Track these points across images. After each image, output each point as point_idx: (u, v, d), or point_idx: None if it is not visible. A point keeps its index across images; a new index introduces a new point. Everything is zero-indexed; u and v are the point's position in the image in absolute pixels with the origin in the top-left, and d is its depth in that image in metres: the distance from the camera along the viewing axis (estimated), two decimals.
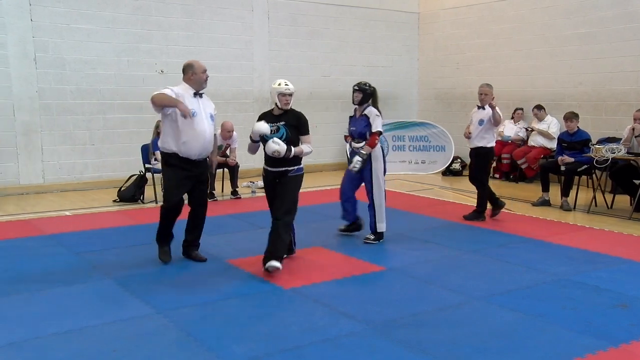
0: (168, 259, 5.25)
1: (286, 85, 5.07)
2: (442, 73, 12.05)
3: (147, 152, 8.48)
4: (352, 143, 5.96)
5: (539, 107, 9.92)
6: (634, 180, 7.48)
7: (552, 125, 9.74)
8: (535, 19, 10.33)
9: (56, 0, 8.91)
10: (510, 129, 10.47)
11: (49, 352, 3.48)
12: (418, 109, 12.71)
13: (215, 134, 5.28)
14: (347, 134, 6.16)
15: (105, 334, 3.73)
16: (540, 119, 9.91)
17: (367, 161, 5.80)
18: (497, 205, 7.14)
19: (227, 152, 8.58)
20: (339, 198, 6.21)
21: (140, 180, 8.34)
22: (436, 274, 4.95)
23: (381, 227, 5.93)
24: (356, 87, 5.93)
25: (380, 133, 5.82)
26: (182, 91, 5.01)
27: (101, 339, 3.65)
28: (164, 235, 5.31)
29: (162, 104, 4.93)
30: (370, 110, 5.88)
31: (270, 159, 5.07)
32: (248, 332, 3.76)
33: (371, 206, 5.91)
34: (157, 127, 8.49)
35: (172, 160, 5.04)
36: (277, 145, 4.89)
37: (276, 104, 5.09)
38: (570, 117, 7.95)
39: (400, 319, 3.99)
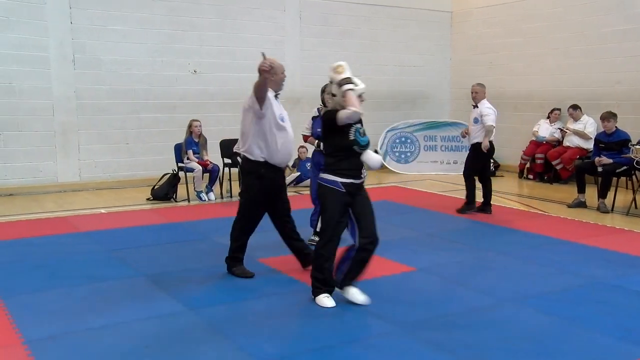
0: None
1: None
2: (474, 72, 11.89)
3: (179, 151, 8.60)
4: (319, 144, 5.72)
5: (575, 107, 9.71)
6: None
7: (589, 125, 9.51)
8: (572, 17, 10.10)
9: (94, 3, 9.11)
10: (545, 130, 10.27)
11: (84, 347, 3.55)
12: (450, 108, 12.57)
13: None
14: (308, 135, 6.03)
15: (138, 330, 3.79)
16: (576, 119, 9.69)
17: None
18: (471, 205, 7.40)
19: None
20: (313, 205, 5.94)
21: (173, 179, 8.45)
22: (467, 275, 4.89)
23: None
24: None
25: None
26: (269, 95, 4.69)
27: (134, 335, 3.71)
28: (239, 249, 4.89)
29: (258, 87, 4.59)
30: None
31: (353, 170, 4.18)
32: (278, 331, 3.77)
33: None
34: (189, 126, 8.61)
35: (261, 170, 4.68)
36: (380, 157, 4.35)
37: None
38: (608, 117, 7.75)
39: (430, 320, 3.95)
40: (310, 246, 5.37)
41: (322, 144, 5.50)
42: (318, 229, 5.60)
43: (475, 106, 7.40)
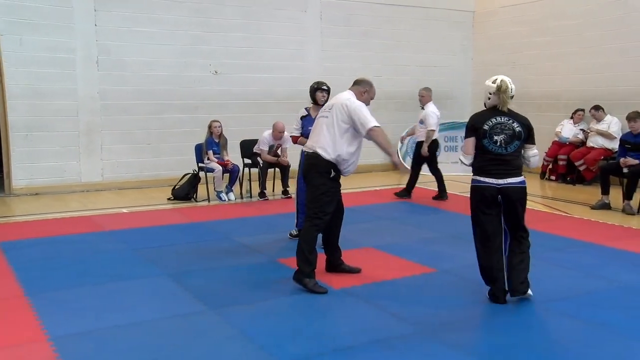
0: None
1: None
2: (497, 72, 11.46)
3: (200, 152, 8.66)
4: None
5: (597, 108, 9.56)
6: None
7: (613, 124, 9.36)
8: (604, 14, 9.92)
9: (119, 5, 9.22)
10: (568, 130, 10.13)
11: (109, 344, 3.60)
12: (471, 109, 12.44)
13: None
14: (297, 135, 5.96)
15: (161, 329, 3.83)
16: (599, 120, 9.55)
17: None
18: (407, 192, 8.54)
19: (279, 152, 8.66)
20: (297, 205, 5.99)
21: (194, 179, 8.52)
22: None
23: None
24: (325, 87, 5.84)
25: None
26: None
27: (159, 333, 3.75)
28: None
29: (385, 142, 4.59)
30: None
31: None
32: (300, 331, 3.78)
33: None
34: (210, 126, 8.67)
35: (335, 174, 4.62)
36: None
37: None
38: (634, 117, 7.63)
39: (453, 322, 3.92)
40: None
41: None
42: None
43: (422, 108, 8.46)
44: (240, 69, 10.16)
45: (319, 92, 5.82)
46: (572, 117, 10.19)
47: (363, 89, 4.81)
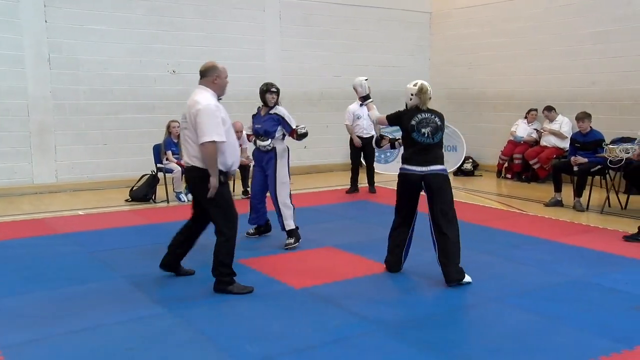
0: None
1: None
2: (454, 73, 12.00)
3: (158, 152, 8.52)
4: (257, 141, 5.93)
5: (549, 109, 9.85)
6: None
7: (564, 124, 9.66)
8: (550, 18, 10.24)
9: (71, 2, 8.98)
10: (523, 130, 10.40)
11: (63, 351, 3.50)
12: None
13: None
14: (250, 133, 6.15)
15: (118, 333, 3.74)
16: (551, 120, 9.84)
17: (273, 158, 5.85)
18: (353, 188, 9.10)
19: None
20: (250, 201, 6.15)
21: (152, 180, 8.38)
22: None
23: (289, 224, 5.78)
24: (274, 89, 5.90)
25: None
26: (215, 101, 4.43)
27: (115, 338, 3.67)
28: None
29: (211, 164, 4.30)
30: (282, 110, 5.92)
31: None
32: (260, 331, 3.76)
33: (276, 205, 5.83)
34: (168, 127, 8.54)
35: (223, 179, 4.44)
36: None
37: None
38: (582, 117, 7.89)
39: (414, 320, 3.97)
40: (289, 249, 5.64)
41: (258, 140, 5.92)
42: (287, 228, 5.81)
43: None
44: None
45: (268, 94, 5.88)
46: (526, 117, 10.46)
47: (212, 77, 4.51)
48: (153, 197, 8.32)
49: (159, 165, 8.45)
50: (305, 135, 5.99)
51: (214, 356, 3.43)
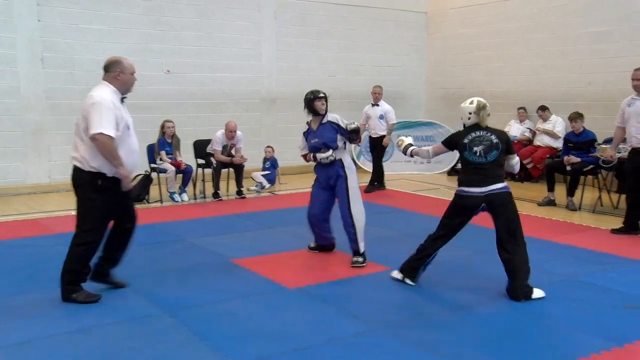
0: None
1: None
2: (450, 73, 12.04)
3: (152, 152, 8.52)
4: (318, 155, 5.27)
5: (543, 108, 9.90)
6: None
7: (557, 124, 9.72)
8: (547, 18, 10.28)
9: (65, 1, 8.94)
10: (516, 129, 10.45)
11: (61, 351, 3.50)
12: (425, 108, 12.70)
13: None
14: (305, 152, 5.45)
15: (114, 334, 3.75)
16: (545, 120, 9.89)
17: (342, 171, 5.24)
18: (380, 184, 9.24)
19: (233, 151, 8.61)
20: (309, 223, 5.55)
21: (146, 180, 8.37)
22: (444, 275, 4.93)
23: (363, 246, 5.25)
24: (322, 95, 5.29)
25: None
26: (114, 95, 4.15)
27: (111, 338, 3.67)
28: (82, 272, 4.29)
29: (110, 156, 4.06)
30: (335, 116, 5.36)
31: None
32: (256, 332, 3.77)
33: (351, 225, 5.20)
34: (162, 127, 8.55)
35: (102, 184, 4.13)
36: None
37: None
38: (575, 117, 7.95)
39: (410, 319, 3.99)
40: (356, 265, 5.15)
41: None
42: (362, 250, 5.24)
43: (376, 104, 9.22)
44: (193, 68, 10.04)
45: (317, 102, 5.28)
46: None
47: (114, 72, 4.18)
48: (146, 197, 8.32)
49: (152, 165, 8.44)
50: (356, 130, 5.28)
51: (210, 356, 3.44)
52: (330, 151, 5.22)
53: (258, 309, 4.19)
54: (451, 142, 4.66)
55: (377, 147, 9.22)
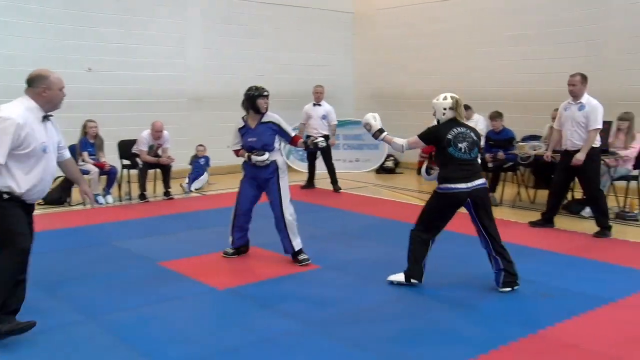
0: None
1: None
2: (377, 72, 12.26)
3: (74, 153, 8.16)
4: (253, 157, 5.16)
5: (467, 107, 10.16)
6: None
7: (480, 123, 10.07)
8: (467, 21, 10.67)
9: None
10: None
11: None
12: (354, 108, 12.87)
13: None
14: (239, 149, 5.34)
15: (33, 343, 3.56)
16: (468, 118, 10.21)
17: (274, 173, 5.22)
18: (311, 184, 9.20)
19: (159, 152, 8.41)
20: (235, 219, 5.42)
21: (67, 182, 8.01)
22: (372, 271, 5.03)
23: (298, 243, 5.26)
24: (267, 93, 5.20)
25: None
26: (28, 114, 3.60)
27: (30, 349, 3.49)
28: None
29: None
30: (276, 117, 5.28)
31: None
32: (184, 334, 3.70)
33: (284, 225, 5.21)
34: (84, 127, 8.22)
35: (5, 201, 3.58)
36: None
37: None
38: (495, 116, 8.32)
39: (339, 317, 4.03)
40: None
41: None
42: (297, 248, 5.24)
43: (319, 104, 9.20)
44: (117, 66, 9.70)
45: (260, 100, 5.15)
46: None
47: (39, 88, 3.72)
48: (68, 200, 7.97)
49: None
50: (319, 146, 5.40)
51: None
52: (267, 154, 5.14)
53: (186, 311, 4.11)
54: (432, 137, 4.66)
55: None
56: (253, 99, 5.16)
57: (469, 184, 4.47)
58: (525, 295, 4.44)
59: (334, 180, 9.15)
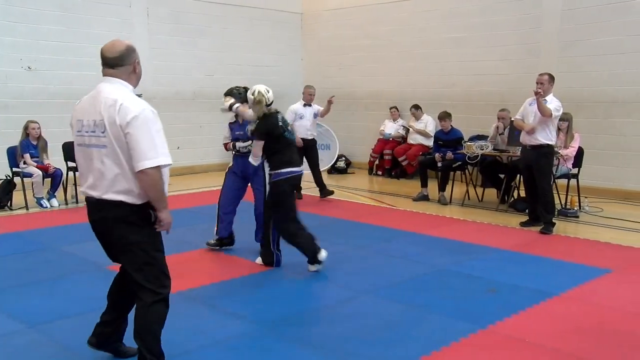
0: None
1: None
2: (326, 73, 12.30)
3: (14, 155, 7.85)
4: (237, 143, 5.67)
5: (416, 107, 10.46)
6: (499, 175, 8.13)
7: (429, 123, 10.30)
8: (414, 22, 10.84)
9: None
10: (390, 127, 10.93)
11: None
12: None
13: None
14: (228, 142, 5.80)
15: None
16: (418, 118, 10.46)
17: (261, 173, 5.44)
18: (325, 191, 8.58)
19: None
20: (218, 209, 5.64)
21: (7, 185, 7.70)
22: (324, 271, 5.03)
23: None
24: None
25: None
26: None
27: None
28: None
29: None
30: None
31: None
32: (129, 339, 3.59)
33: (262, 218, 5.38)
34: (26, 127, 7.90)
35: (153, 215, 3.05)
36: None
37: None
38: (444, 116, 8.49)
39: (291, 317, 4.02)
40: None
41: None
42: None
43: (309, 105, 8.77)
44: (59, 65, 9.36)
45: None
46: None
47: (131, 64, 3.06)
48: (9, 204, 7.65)
49: (15, 169, 7.77)
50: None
51: None
52: (250, 142, 5.45)
53: (131, 315, 3.99)
54: (268, 131, 4.86)
55: (310, 150, 8.60)
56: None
57: (303, 167, 5.14)
58: (472, 291, 4.54)
59: (320, 184, 8.64)
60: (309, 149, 8.56)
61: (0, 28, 8.81)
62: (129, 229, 2.97)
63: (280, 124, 4.89)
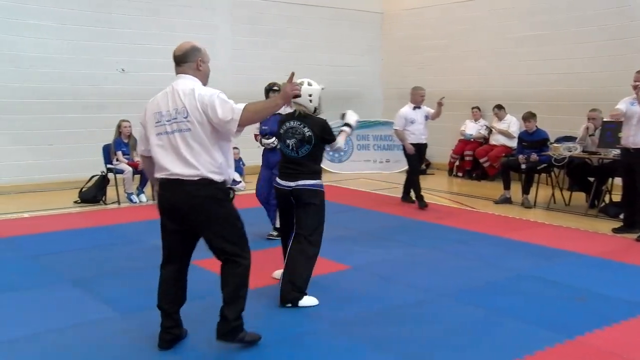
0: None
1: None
2: (404, 72, 12.17)
3: (108, 153, 8.33)
4: (263, 140, 6.00)
5: (499, 107, 10.13)
6: (588, 178, 7.71)
7: (512, 124, 9.95)
8: (492, 21, 10.54)
9: None
10: (471, 128, 10.66)
11: (20, 356, 3.38)
12: (382, 108, 12.81)
13: None
14: (257, 133, 6.16)
15: (64, 339, 3.63)
16: (500, 119, 10.13)
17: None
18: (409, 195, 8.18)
19: None
20: (260, 203, 6.10)
21: (102, 181, 8.18)
22: (399, 272, 4.99)
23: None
24: (277, 88, 5.90)
25: None
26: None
27: (61, 344, 3.56)
28: None
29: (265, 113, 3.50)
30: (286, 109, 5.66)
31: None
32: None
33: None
34: (119, 126, 8.36)
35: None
36: None
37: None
38: (528, 117, 8.17)
39: (365, 317, 4.00)
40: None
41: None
42: (277, 225, 5.58)
43: (419, 107, 8.41)
44: (149, 67, 9.83)
45: (272, 93, 5.88)
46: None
47: (194, 62, 3.47)
48: (103, 199, 8.12)
49: (109, 166, 8.25)
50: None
51: (168, 357, 3.38)
52: (273, 138, 5.75)
53: (215, 309, 4.13)
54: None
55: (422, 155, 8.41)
56: (266, 93, 5.98)
57: (291, 183, 4.20)
58: (558, 299, 4.34)
59: (407, 191, 8.25)
60: (423, 154, 8.41)
61: (101, 35, 9.40)
62: (218, 205, 3.32)
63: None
